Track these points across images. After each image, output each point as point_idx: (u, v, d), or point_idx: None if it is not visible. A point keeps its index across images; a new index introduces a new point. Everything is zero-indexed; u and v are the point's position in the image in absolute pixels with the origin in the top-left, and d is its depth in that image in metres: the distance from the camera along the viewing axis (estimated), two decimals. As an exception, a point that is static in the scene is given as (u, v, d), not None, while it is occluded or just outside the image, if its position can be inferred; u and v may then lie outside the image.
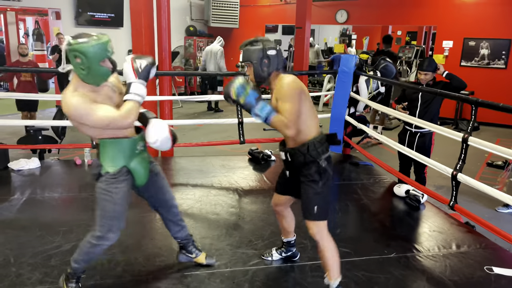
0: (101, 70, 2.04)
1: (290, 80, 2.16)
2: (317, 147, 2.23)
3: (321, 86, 9.89)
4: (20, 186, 4.07)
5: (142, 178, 2.28)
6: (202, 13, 11.37)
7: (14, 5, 8.21)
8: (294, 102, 2.12)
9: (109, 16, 9.29)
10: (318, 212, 2.27)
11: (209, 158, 5.23)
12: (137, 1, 4.79)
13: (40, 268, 2.57)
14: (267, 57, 2.20)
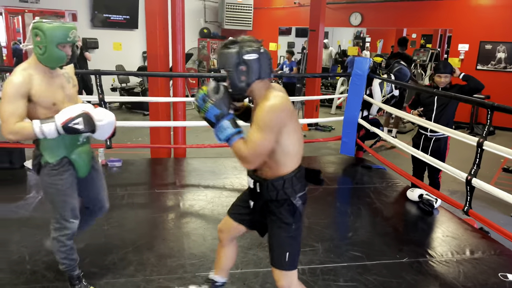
0: (56, 53, 2.01)
1: (275, 103, 1.71)
2: (294, 184, 1.87)
3: (334, 89, 9.85)
4: (35, 185, 4.13)
5: (84, 170, 2.26)
6: (216, 15, 11.44)
7: (31, 7, 8.36)
8: (268, 133, 1.70)
9: (124, 18, 9.41)
10: (289, 260, 1.91)
11: (221, 159, 5.24)
12: (152, 3, 4.84)
13: (54, 266, 2.59)
14: (244, 63, 1.75)
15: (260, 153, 1.74)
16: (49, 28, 1.98)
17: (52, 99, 2.07)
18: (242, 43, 1.77)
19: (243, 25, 10.92)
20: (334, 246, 3.05)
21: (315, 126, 7.61)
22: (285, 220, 1.90)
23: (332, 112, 9.23)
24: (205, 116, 1.81)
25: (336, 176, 4.94)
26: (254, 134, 1.72)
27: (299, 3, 10.38)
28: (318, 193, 4.10)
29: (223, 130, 1.78)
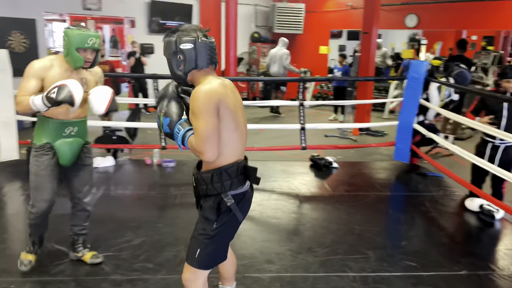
0: (75, 56, 2.33)
1: (206, 89, 1.66)
2: (224, 179, 1.73)
3: (386, 93, 9.57)
4: (95, 182, 4.34)
5: (66, 159, 2.49)
6: (266, 20, 11.52)
7: (94, 14, 8.86)
8: (209, 118, 1.63)
9: (180, 24, 9.70)
10: (199, 259, 1.80)
11: (269, 163, 5.27)
12: (207, 10, 4.98)
13: (112, 260, 2.74)
14: (181, 52, 1.72)
15: (208, 139, 1.64)
16: (71, 34, 2.33)
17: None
18: (181, 32, 1.75)
19: (293, 29, 10.91)
20: (386, 255, 2.96)
21: (367, 130, 7.43)
22: (207, 215, 1.78)
23: (385, 117, 8.97)
24: (165, 131, 1.77)
25: (388, 183, 4.80)
26: (198, 123, 1.65)
27: (351, 5, 10.21)
28: (369, 200, 4.01)
29: (177, 135, 1.72)
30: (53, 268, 2.65)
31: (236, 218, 1.81)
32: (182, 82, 1.79)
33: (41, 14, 7.70)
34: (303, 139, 5.00)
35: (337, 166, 5.00)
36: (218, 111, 1.66)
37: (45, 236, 2.69)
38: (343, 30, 11.94)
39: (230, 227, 1.84)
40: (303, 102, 5.01)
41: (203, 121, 1.64)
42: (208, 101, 1.64)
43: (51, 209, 2.53)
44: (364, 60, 7.18)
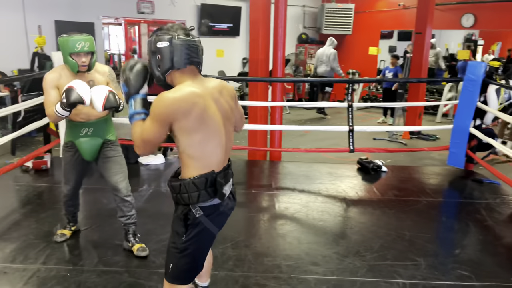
0: (70, 62, 2.52)
1: (169, 96, 1.58)
2: (190, 190, 1.65)
3: (440, 95, 9.20)
4: (147, 179, 4.55)
5: (87, 155, 2.78)
6: (314, 21, 11.45)
7: (147, 18, 9.22)
8: (155, 123, 1.59)
9: (228, 26, 9.89)
10: (172, 273, 1.76)
11: (316, 164, 5.23)
12: (257, 11, 5.03)
13: (163, 254, 2.82)
14: (158, 51, 1.64)
15: (146, 140, 1.62)
16: (61, 41, 2.52)
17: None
18: (160, 31, 1.67)
19: (342, 30, 10.76)
20: (438, 263, 2.84)
21: (418, 134, 7.18)
22: (175, 228, 1.72)
23: (438, 120, 8.62)
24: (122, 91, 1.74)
25: (441, 189, 4.61)
26: (147, 120, 1.64)
27: (403, 5, 9.91)
28: (420, 206, 3.88)
29: (130, 108, 1.70)
30: (108, 259, 2.78)
31: (209, 231, 1.72)
32: (163, 84, 1.70)
33: (99, 18, 8.12)
34: (351, 142, 4.92)
35: (386, 170, 4.87)
36: (176, 123, 1.58)
37: (77, 214, 3.11)
38: (394, 30, 11.61)
39: (202, 240, 1.74)
40: (351, 103, 4.93)
41: (151, 123, 1.61)
42: (164, 111, 1.57)
43: (77, 193, 2.99)
44: (416, 61, 6.94)
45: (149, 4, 8.67)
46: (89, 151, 2.78)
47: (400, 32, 11.58)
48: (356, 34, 10.77)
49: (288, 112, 9.52)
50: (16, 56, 6.76)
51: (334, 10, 10.66)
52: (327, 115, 9.02)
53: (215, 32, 9.78)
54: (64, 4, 7.55)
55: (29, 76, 5.21)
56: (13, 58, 6.73)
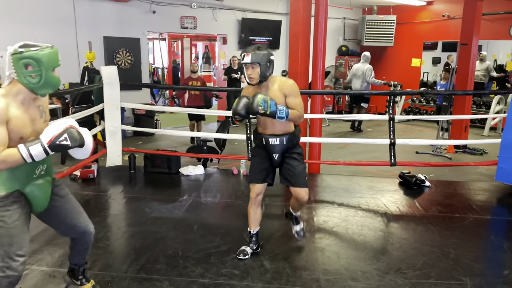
0: (54, 78, 1.97)
1: (293, 81, 2.78)
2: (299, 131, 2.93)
3: (487, 108, 8.82)
4: (188, 189, 4.65)
5: (41, 203, 2.09)
6: (355, 33, 11.36)
7: (190, 33, 9.51)
8: (301, 97, 2.76)
9: (267, 40, 10.00)
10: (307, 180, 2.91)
11: (355, 178, 5.14)
12: (297, 24, 5.07)
13: (202, 264, 2.89)
14: (270, 61, 2.69)
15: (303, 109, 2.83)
16: (43, 55, 1.91)
17: (20, 132, 1.91)
18: (267, 48, 2.74)
19: (384, 41, 10.60)
20: (486, 283, 2.71)
21: (464, 148, 6.90)
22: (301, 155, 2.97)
23: (485, 134, 8.26)
24: (270, 110, 2.56)
25: (489, 206, 4.39)
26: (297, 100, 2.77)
27: (448, 15, 9.65)
28: (467, 223, 3.72)
29: (283, 109, 2.61)
30: (150, 266, 2.86)
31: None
32: (264, 81, 2.72)
33: (145, 33, 8.47)
34: (392, 155, 4.80)
35: (429, 184, 4.71)
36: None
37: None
38: (438, 41, 11.30)
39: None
40: (393, 116, 4.83)
41: (300, 99, 2.77)
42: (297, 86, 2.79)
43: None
44: (462, 73, 6.71)
45: (192, 19, 8.95)
46: (45, 198, 2.10)
47: (445, 43, 11.26)
48: (398, 46, 10.58)
49: (328, 125, 9.44)
50: (67, 71, 7.17)
51: (375, 22, 10.53)
52: (362, 131, 8.84)
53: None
54: (113, 21, 7.95)
55: (80, 89, 5.51)
56: (65, 72, 7.10)
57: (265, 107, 2.55)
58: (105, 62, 7.81)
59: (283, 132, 2.81)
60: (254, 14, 9.73)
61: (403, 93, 9.91)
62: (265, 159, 2.89)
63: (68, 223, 2.20)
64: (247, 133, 4.96)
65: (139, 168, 5.20)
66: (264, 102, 2.54)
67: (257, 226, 2.99)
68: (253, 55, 2.64)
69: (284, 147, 2.83)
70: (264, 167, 2.89)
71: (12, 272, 1.95)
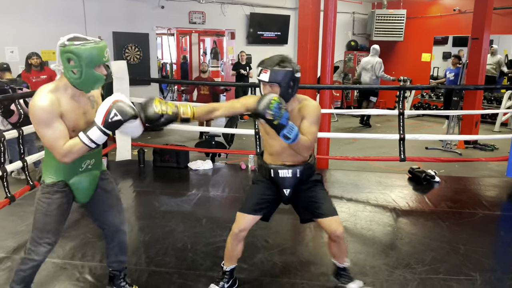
0: (94, 76, 1.89)
1: (319, 105, 2.25)
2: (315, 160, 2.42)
3: (498, 103, 8.71)
4: (196, 183, 4.68)
5: (83, 195, 2.13)
6: (364, 27, 11.27)
7: (198, 28, 9.50)
8: (318, 126, 2.20)
9: (276, 35, 9.97)
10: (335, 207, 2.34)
11: (364, 173, 5.12)
12: (306, 18, 5.05)
13: (211, 257, 2.91)
14: (294, 79, 2.12)
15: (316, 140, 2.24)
16: (84, 50, 1.83)
17: (73, 124, 1.93)
18: (292, 63, 2.13)
19: (393, 36, 10.50)
20: (495, 279, 2.69)
21: (474, 144, 6.83)
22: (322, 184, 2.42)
23: (496, 130, 8.16)
24: (279, 121, 1.99)
25: (500, 202, 4.35)
26: (312, 128, 2.15)
27: (459, 10, 9.53)
28: (477, 218, 3.69)
29: (292, 128, 2.02)
30: (160, 259, 2.89)
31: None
32: (286, 102, 2.07)
33: (153, 28, 8.49)
34: (401, 150, 4.77)
35: (439, 180, 4.68)
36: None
37: None
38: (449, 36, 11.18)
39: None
40: (402, 111, 4.80)
41: (316, 128, 2.18)
42: (320, 114, 2.23)
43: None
44: (473, 68, 6.63)
45: (201, 14, 8.94)
46: (88, 191, 2.15)
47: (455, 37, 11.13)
48: (408, 40, 10.48)
49: (336, 120, 9.40)
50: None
51: (385, 16, 10.43)
52: (371, 126, 8.79)
53: (263, 41, 9.90)
54: (122, 16, 7.98)
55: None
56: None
57: (277, 115, 1.96)
58: (114, 57, 7.85)
59: (296, 163, 2.27)
60: (263, 8, 9.69)
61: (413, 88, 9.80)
62: (269, 190, 2.35)
63: (105, 218, 2.22)
64: (255, 128, 4.96)
65: (148, 163, 5.23)
66: (278, 109, 1.96)
67: (234, 262, 2.47)
68: (273, 72, 2.07)
69: (297, 180, 2.29)
70: (264, 199, 2.35)
71: (37, 256, 2.02)
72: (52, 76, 6.02)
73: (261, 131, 2.33)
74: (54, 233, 2.04)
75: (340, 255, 2.42)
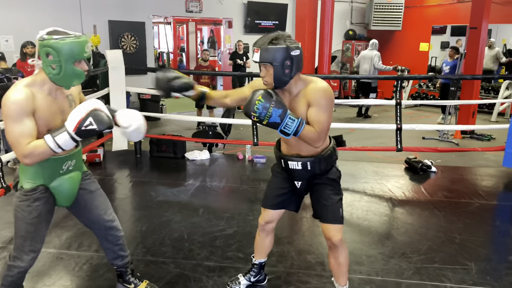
0: (74, 71, 1.80)
1: (328, 87, 1.91)
2: (335, 152, 2.13)
3: (496, 93, 8.71)
4: (193, 174, 4.67)
5: (66, 199, 2.03)
6: (362, 17, 11.20)
7: (195, 16, 9.42)
8: (330, 113, 1.90)
9: (273, 24, 9.89)
10: (342, 214, 2.14)
11: (361, 163, 5.13)
12: (303, 8, 5.01)
13: (207, 247, 2.91)
14: (290, 58, 1.84)
15: (327, 131, 1.95)
16: (64, 45, 1.74)
17: (48, 124, 1.82)
18: (286, 39, 1.87)
19: (391, 25, 10.45)
20: (491, 268, 2.71)
21: (471, 134, 6.84)
22: (336, 183, 2.15)
23: (493, 120, 8.17)
24: (268, 121, 1.85)
25: (496, 191, 4.37)
26: (321, 116, 1.89)
27: (457, -1, 9.47)
28: (473, 208, 3.71)
29: (291, 124, 1.86)
30: (156, 249, 2.89)
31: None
32: (283, 85, 1.92)
33: (150, 17, 8.41)
34: (398, 140, 4.77)
35: (436, 170, 4.69)
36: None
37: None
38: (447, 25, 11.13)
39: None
40: (400, 101, 4.78)
41: (327, 116, 1.90)
42: (332, 99, 1.93)
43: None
44: (470, 58, 6.61)
45: (197, 3, 8.85)
46: (70, 194, 2.03)
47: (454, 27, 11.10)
48: (406, 30, 10.43)
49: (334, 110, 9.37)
50: (73, 55, 7.16)
51: (383, 5, 10.36)
52: (370, 117, 8.77)
53: (261, 30, 9.82)
54: (117, 5, 7.89)
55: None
56: (71, 56, 7.13)
57: (262, 115, 1.83)
58: (110, 46, 7.78)
59: (310, 154, 2.06)
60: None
61: (410, 78, 9.79)
62: (286, 183, 2.21)
63: (92, 218, 2.13)
64: (253, 118, 4.94)
65: (145, 153, 5.22)
66: (263, 109, 1.82)
67: (263, 256, 2.44)
68: (263, 51, 1.85)
69: (309, 173, 2.09)
70: (282, 191, 2.23)
71: (23, 263, 1.97)
72: (47, 66, 5.97)
73: None
74: (38, 240, 1.97)
75: (338, 271, 2.23)
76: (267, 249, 2.42)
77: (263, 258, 2.46)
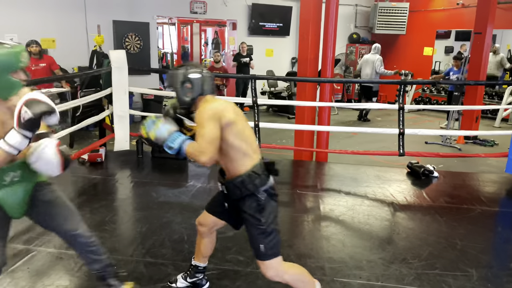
0: (10, 82, 1.75)
1: (208, 106, 1.98)
2: (253, 179, 1.97)
3: (500, 99, 8.68)
4: (194, 175, 4.67)
5: (15, 211, 1.94)
6: (366, 20, 11.18)
7: (199, 18, 9.42)
8: (210, 128, 1.90)
9: (278, 26, 9.89)
10: (266, 250, 2.00)
11: (363, 167, 5.11)
12: (308, 10, 5.00)
13: (207, 249, 2.90)
14: (189, 81, 2.03)
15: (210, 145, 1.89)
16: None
17: None
18: (188, 66, 2.07)
19: (396, 29, 10.44)
20: (492, 275, 2.69)
21: (474, 139, 6.81)
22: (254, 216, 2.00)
23: (496, 125, 8.14)
24: (156, 135, 1.97)
25: (498, 198, 4.35)
26: (200, 131, 1.91)
27: (462, 3, 9.45)
28: (474, 214, 3.69)
29: (175, 138, 1.95)
30: (156, 250, 2.88)
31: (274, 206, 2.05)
32: (188, 106, 2.07)
33: (154, 18, 8.42)
34: (401, 145, 4.76)
35: (438, 175, 4.67)
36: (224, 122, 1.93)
37: None
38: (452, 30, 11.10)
39: (273, 216, 2.04)
40: (403, 106, 4.77)
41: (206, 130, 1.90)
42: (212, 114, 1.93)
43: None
44: (475, 63, 6.58)
45: (202, 4, 8.86)
46: (19, 205, 1.94)
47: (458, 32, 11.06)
48: (410, 34, 10.41)
49: (337, 113, 9.37)
50: (76, 54, 7.17)
51: (388, 9, 10.35)
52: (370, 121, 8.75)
53: (265, 32, 9.83)
54: (122, 5, 7.90)
55: (88, 73, 5.51)
56: (74, 56, 7.14)
57: (148, 129, 1.99)
58: (114, 46, 7.79)
59: (228, 177, 2.04)
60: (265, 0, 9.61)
61: (414, 82, 9.78)
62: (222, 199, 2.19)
63: (53, 228, 2.08)
64: (255, 120, 4.93)
65: (146, 153, 5.22)
66: (151, 123, 1.98)
67: (200, 259, 2.40)
68: (167, 76, 2.13)
69: (229, 197, 2.07)
70: (219, 203, 2.20)
71: None
72: (51, 65, 5.99)
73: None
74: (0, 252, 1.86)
75: None
76: (204, 252, 2.37)
77: (201, 262, 2.41)
